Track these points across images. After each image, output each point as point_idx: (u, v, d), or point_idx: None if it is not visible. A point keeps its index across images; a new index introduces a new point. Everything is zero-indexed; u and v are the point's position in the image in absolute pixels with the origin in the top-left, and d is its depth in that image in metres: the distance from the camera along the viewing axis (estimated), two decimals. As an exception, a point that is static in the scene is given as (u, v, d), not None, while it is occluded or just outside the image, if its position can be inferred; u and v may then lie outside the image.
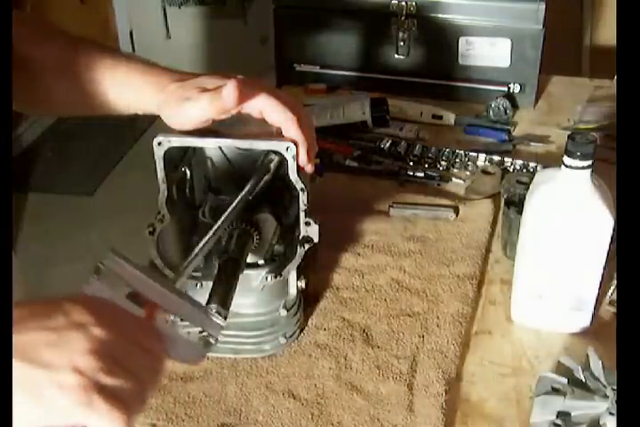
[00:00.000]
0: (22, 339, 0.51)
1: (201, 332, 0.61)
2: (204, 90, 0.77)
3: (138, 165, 2.77)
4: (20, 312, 0.53)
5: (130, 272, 0.59)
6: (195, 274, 0.89)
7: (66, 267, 2.49)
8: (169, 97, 0.78)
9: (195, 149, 0.87)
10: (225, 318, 0.72)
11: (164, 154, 0.80)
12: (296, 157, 0.80)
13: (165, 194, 0.82)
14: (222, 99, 0.75)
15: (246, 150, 0.85)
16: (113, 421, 0.51)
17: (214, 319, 0.61)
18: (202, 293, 0.81)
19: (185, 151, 0.86)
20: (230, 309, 0.74)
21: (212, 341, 0.61)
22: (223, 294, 0.75)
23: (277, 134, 0.80)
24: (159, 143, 0.80)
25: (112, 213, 2.69)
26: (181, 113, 0.77)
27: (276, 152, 0.82)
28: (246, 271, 0.85)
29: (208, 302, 0.73)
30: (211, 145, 0.82)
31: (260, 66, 2.23)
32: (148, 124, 2.96)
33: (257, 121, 0.80)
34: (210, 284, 0.78)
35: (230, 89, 0.74)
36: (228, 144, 0.82)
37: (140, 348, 0.55)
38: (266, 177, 0.84)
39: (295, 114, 0.78)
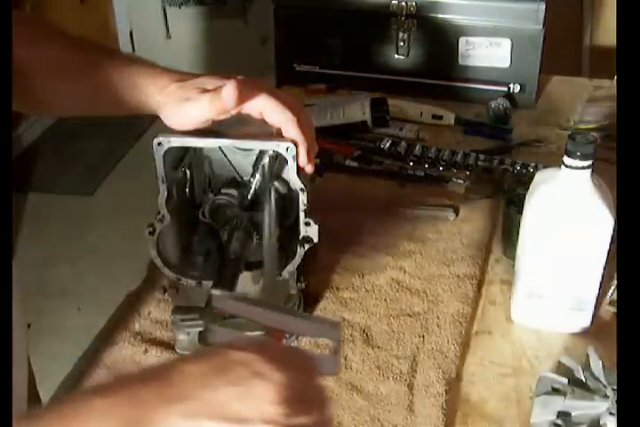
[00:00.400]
0: (212, 396, 0.50)
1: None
2: (204, 90, 0.77)
3: (138, 165, 2.77)
4: (198, 368, 0.52)
5: (240, 307, 0.59)
6: (194, 274, 0.89)
7: (66, 267, 2.49)
8: (169, 97, 0.78)
9: (195, 149, 0.87)
10: (224, 318, 0.72)
11: (164, 154, 0.80)
12: (296, 158, 0.80)
13: (165, 194, 0.82)
14: (222, 99, 0.75)
15: (246, 150, 0.85)
16: None
17: (330, 324, 0.60)
18: (200, 292, 0.81)
19: (185, 151, 0.86)
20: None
21: (337, 345, 0.60)
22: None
23: (277, 135, 0.80)
24: (159, 143, 0.80)
25: (112, 213, 2.69)
26: (181, 113, 0.77)
27: (275, 152, 0.82)
28: (246, 271, 0.85)
29: (207, 303, 0.73)
30: (211, 145, 0.82)
31: (260, 66, 2.23)
32: (148, 125, 2.96)
33: (257, 121, 0.80)
34: (209, 284, 0.78)
35: (230, 89, 0.74)
36: (228, 144, 0.82)
37: (308, 376, 0.55)
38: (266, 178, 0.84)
39: (295, 114, 0.78)
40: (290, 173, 0.81)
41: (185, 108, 0.77)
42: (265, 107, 0.78)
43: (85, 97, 0.84)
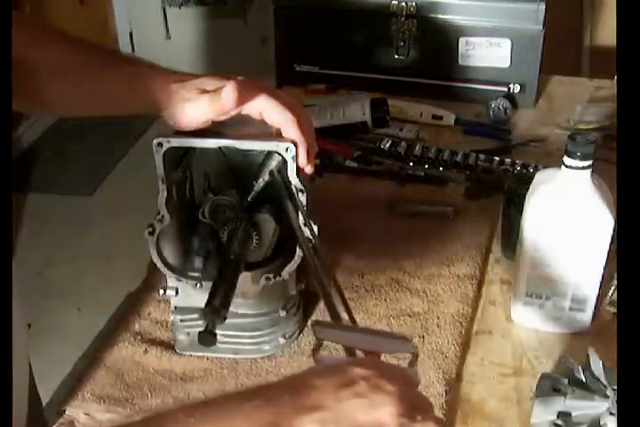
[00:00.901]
0: (341, 407, 0.56)
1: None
2: (204, 91, 0.77)
3: (138, 165, 2.77)
4: (327, 382, 0.57)
5: (339, 335, 0.65)
6: (194, 274, 0.89)
7: (66, 267, 2.49)
8: (169, 98, 0.78)
9: (194, 149, 0.87)
10: (224, 319, 0.72)
11: (164, 154, 0.80)
12: (295, 158, 0.80)
13: (165, 194, 0.82)
14: (221, 100, 0.75)
15: (246, 151, 0.85)
16: None
17: (404, 338, 0.65)
18: (201, 293, 0.81)
19: (185, 152, 0.86)
20: (230, 309, 0.74)
21: (415, 358, 0.65)
22: (223, 295, 0.75)
23: (277, 135, 0.80)
24: (159, 144, 0.80)
25: (112, 213, 2.69)
26: (181, 114, 0.78)
27: (275, 153, 0.82)
28: (246, 272, 0.85)
29: (208, 303, 0.73)
30: (210, 145, 0.82)
31: (260, 66, 2.23)
32: (148, 125, 2.96)
33: (256, 122, 0.80)
34: (209, 284, 0.78)
35: (229, 90, 0.74)
36: (228, 144, 0.81)
37: (412, 387, 0.61)
38: (267, 178, 0.84)
39: (295, 115, 0.78)
40: (290, 174, 0.81)
41: (185, 108, 0.77)
42: (265, 107, 0.78)
43: (86, 97, 0.84)
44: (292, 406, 0.56)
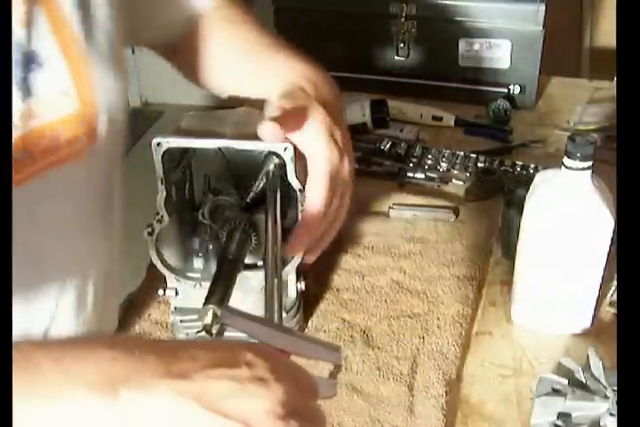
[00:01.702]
0: (208, 384, 0.51)
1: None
2: (283, 109, 0.75)
3: (138, 166, 2.76)
4: (207, 355, 0.53)
5: (248, 325, 0.59)
6: (194, 275, 0.89)
7: (66, 268, 2.49)
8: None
9: (194, 149, 0.87)
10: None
11: (163, 154, 0.80)
12: (294, 159, 0.79)
13: (164, 195, 0.82)
14: (260, 133, 0.74)
15: (245, 151, 0.85)
16: None
17: (332, 348, 0.61)
18: (201, 294, 0.81)
19: (184, 152, 0.86)
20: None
21: (337, 369, 0.62)
22: (221, 295, 0.75)
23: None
24: (158, 144, 0.79)
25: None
26: None
27: (274, 153, 0.82)
28: (245, 272, 0.84)
29: (205, 303, 0.73)
30: (210, 146, 0.82)
31: (260, 67, 2.23)
32: (148, 125, 2.96)
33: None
34: (207, 284, 0.78)
35: (268, 128, 0.73)
36: (227, 145, 0.81)
37: (307, 396, 0.55)
38: (265, 180, 0.84)
39: (331, 173, 0.77)
40: (288, 175, 0.81)
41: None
42: (303, 146, 0.77)
43: (194, 68, 0.92)
44: (153, 367, 0.51)
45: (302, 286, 0.91)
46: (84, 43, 0.73)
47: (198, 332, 0.70)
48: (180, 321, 0.90)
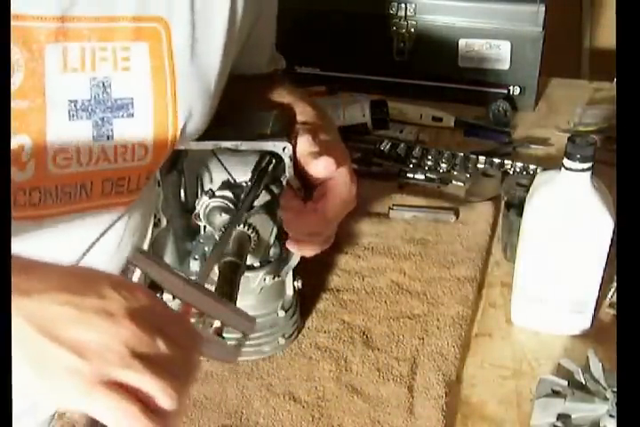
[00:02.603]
0: (50, 307, 0.47)
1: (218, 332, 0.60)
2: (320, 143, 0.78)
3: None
4: (63, 277, 0.50)
5: (160, 273, 0.57)
6: (191, 278, 0.88)
7: (66, 269, 2.49)
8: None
9: (188, 151, 0.86)
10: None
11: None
12: (293, 158, 0.79)
13: (161, 197, 0.82)
14: (319, 170, 0.77)
15: (240, 152, 0.84)
16: (123, 416, 0.47)
17: (246, 317, 0.60)
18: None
19: (178, 154, 0.86)
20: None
21: (243, 339, 0.60)
22: (227, 298, 0.74)
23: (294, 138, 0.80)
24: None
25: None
26: None
27: (270, 153, 0.81)
28: (245, 273, 0.84)
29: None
30: (207, 147, 0.81)
31: (260, 68, 2.22)
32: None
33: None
34: (209, 288, 0.78)
35: (326, 163, 0.77)
36: (225, 145, 0.81)
37: (172, 344, 0.50)
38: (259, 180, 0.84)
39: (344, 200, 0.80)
40: (287, 174, 0.80)
41: None
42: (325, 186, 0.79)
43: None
44: (14, 281, 0.48)
45: (299, 284, 0.91)
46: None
47: None
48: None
